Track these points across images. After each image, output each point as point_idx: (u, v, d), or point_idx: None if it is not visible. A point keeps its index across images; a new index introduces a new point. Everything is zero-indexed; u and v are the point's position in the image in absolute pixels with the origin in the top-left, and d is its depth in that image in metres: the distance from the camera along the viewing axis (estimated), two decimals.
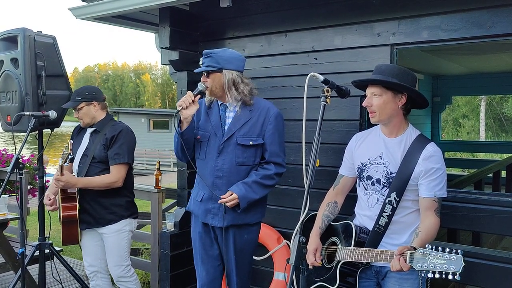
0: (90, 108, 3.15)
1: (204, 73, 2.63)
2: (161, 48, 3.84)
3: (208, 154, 2.70)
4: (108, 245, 3.21)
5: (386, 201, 2.20)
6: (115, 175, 3.08)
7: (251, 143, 2.64)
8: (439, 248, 1.80)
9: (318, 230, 2.41)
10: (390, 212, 2.20)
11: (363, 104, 2.27)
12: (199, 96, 2.61)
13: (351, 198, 2.55)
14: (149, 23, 4.45)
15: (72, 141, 3.01)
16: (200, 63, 2.65)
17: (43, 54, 3.08)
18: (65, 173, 2.95)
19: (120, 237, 3.20)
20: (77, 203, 3.10)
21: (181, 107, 2.52)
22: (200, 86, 2.61)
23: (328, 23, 3.26)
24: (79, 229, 3.13)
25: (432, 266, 1.77)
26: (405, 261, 1.89)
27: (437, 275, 1.77)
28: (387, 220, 2.21)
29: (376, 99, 2.19)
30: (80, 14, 3.87)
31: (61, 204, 3.07)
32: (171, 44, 3.71)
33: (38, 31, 3.13)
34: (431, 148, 2.16)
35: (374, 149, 2.31)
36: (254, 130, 2.65)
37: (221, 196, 2.58)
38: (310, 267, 2.38)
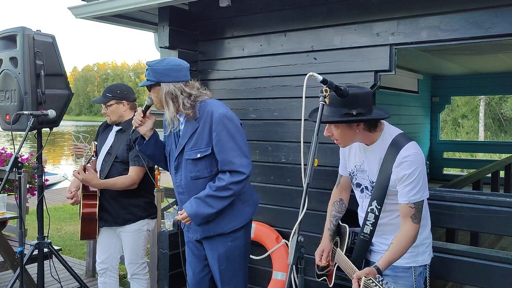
0: (119, 107, 3.17)
1: (147, 87, 2.56)
2: (161, 47, 3.84)
3: (170, 170, 2.67)
4: (126, 243, 3.25)
5: (368, 210, 2.22)
6: (133, 177, 3.08)
7: (199, 155, 2.49)
8: (388, 284, 1.81)
9: (328, 232, 2.45)
10: (373, 220, 2.21)
11: (324, 135, 2.23)
12: (149, 110, 2.56)
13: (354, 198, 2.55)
14: (148, 22, 4.45)
15: (96, 142, 3.04)
16: (145, 75, 2.54)
17: (42, 53, 3.07)
18: (90, 172, 2.98)
19: (138, 236, 3.24)
20: (97, 201, 3.14)
21: (134, 126, 2.54)
22: (147, 101, 2.54)
23: (327, 23, 3.26)
24: (97, 226, 3.19)
25: None
26: (359, 287, 1.91)
27: None
28: (371, 228, 2.22)
29: (334, 130, 2.19)
30: (80, 13, 3.87)
31: (81, 201, 3.12)
32: (171, 44, 3.71)
33: (37, 30, 3.13)
34: (404, 153, 2.11)
35: (358, 157, 2.32)
36: (201, 141, 2.49)
37: (178, 213, 2.56)
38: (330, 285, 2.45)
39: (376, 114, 2.16)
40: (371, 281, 1.85)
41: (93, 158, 2.99)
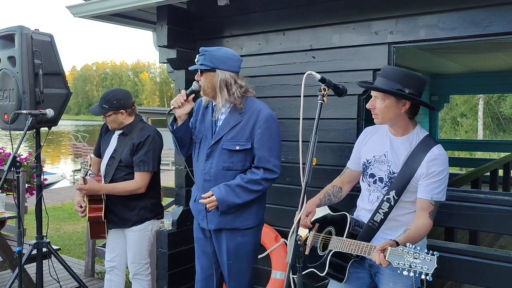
0: (117, 116, 3.14)
1: (198, 71, 2.58)
2: (159, 46, 3.84)
3: (199, 156, 2.68)
4: (130, 242, 3.26)
5: (384, 199, 2.21)
6: (138, 182, 3.08)
7: (237, 148, 2.55)
8: (418, 248, 1.81)
9: (317, 201, 2.42)
10: (387, 210, 2.20)
11: (366, 106, 2.26)
12: (193, 95, 2.58)
13: (352, 197, 2.55)
14: (147, 21, 4.45)
15: (92, 157, 3.03)
16: (196, 60, 2.58)
17: (40, 52, 3.06)
18: (88, 181, 2.98)
19: (143, 236, 3.25)
20: (103, 205, 3.14)
21: (173, 106, 2.52)
22: (194, 86, 2.58)
23: (326, 22, 3.26)
24: (105, 227, 3.22)
25: (408, 265, 1.80)
26: (385, 257, 1.89)
27: (411, 274, 1.79)
28: (382, 217, 2.21)
29: (379, 103, 2.17)
30: (78, 12, 3.86)
31: (88, 205, 3.13)
32: (169, 43, 3.71)
33: (35, 29, 3.12)
34: (437, 151, 2.14)
35: (380, 147, 2.31)
36: (242, 134, 2.55)
37: (202, 195, 2.55)
38: (307, 251, 2.40)
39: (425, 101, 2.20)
40: (400, 248, 1.83)
41: (89, 171, 3.01)
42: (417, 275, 1.77)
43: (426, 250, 1.80)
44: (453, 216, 2.79)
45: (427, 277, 1.76)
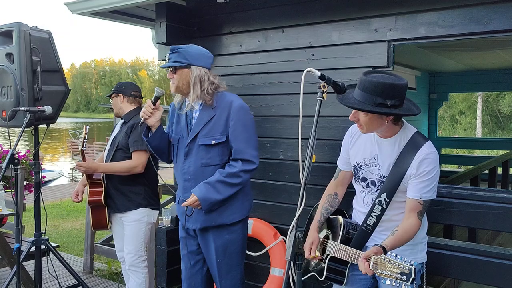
0: (117, 100, 3.38)
1: (171, 69, 2.57)
2: (158, 43, 3.83)
3: (178, 157, 2.68)
4: (127, 232, 3.33)
5: (376, 202, 2.20)
6: (135, 160, 3.19)
7: (213, 142, 2.56)
8: (398, 257, 1.81)
9: (317, 224, 2.41)
10: (379, 213, 2.19)
11: (349, 118, 2.20)
12: (159, 101, 2.60)
13: (350, 195, 2.54)
14: (145, 18, 4.43)
15: (88, 126, 3.19)
16: (167, 58, 2.59)
17: (38, 49, 3.06)
18: (87, 159, 3.11)
19: (139, 227, 3.31)
20: (103, 188, 3.25)
21: (143, 118, 2.55)
22: (156, 92, 2.60)
23: (325, 19, 3.25)
24: (107, 215, 3.30)
25: (389, 274, 1.81)
26: (369, 266, 1.89)
27: (393, 283, 1.79)
28: (375, 220, 2.20)
29: (362, 116, 2.13)
30: (76, 9, 3.85)
31: (88, 190, 3.23)
32: (168, 40, 3.70)
33: (33, 26, 3.11)
34: (426, 150, 2.11)
35: (369, 150, 2.28)
36: (217, 128, 2.56)
37: (184, 201, 2.56)
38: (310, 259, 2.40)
39: (407, 108, 2.12)
40: (382, 257, 1.84)
41: (85, 140, 3.13)
42: (398, 284, 1.78)
43: (405, 259, 1.79)
44: (452, 214, 2.79)
45: (407, 286, 1.77)
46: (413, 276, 1.75)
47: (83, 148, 3.16)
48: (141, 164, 3.19)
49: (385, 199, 2.17)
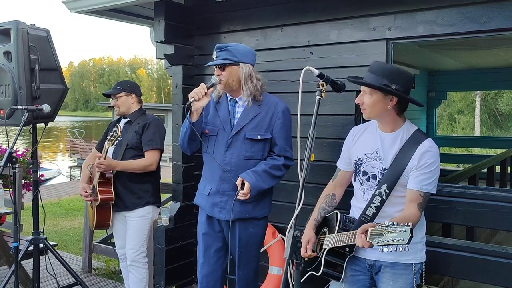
0: (128, 99, 3.40)
1: (218, 66, 2.63)
2: (156, 42, 3.83)
3: (216, 148, 2.72)
4: (130, 228, 3.36)
5: (376, 193, 2.20)
6: (150, 159, 3.28)
7: (259, 137, 2.67)
8: (394, 223, 1.83)
9: (313, 222, 2.42)
10: (379, 204, 2.19)
11: (355, 101, 2.27)
12: (212, 88, 2.63)
13: (350, 194, 2.54)
14: (144, 17, 4.43)
15: (120, 126, 3.20)
16: (214, 56, 2.65)
17: (36, 47, 3.05)
18: (106, 158, 3.14)
19: (143, 222, 3.37)
20: (112, 187, 3.27)
21: (193, 98, 2.52)
22: (214, 79, 2.62)
23: (324, 17, 3.25)
24: (111, 214, 3.31)
25: (386, 241, 1.82)
26: (366, 238, 1.90)
27: (391, 249, 1.81)
28: (374, 211, 2.20)
29: (367, 98, 2.20)
30: (74, 7, 3.84)
31: (98, 188, 3.22)
32: (166, 38, 3.70)
33: (31, 24, 3.10)
34: (428, 144, 2.15)
35: (371, 144, 2.30)
36: (262, 125, 2.67)
37: (240, 192, 2.57)
38: (306, 259, 2.39)
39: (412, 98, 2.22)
40: (379, 226, 1.86)
41: (119, 138, 3.19)
42: (395, 248, 1.80)
43: (402, 224, 1.82)
44: (450, 212, 2.80)
45: (405, 248, 1.78)
46: (410, 234, 1.77)
47: (112, 147, 3.25)
48: (155, 162, 3.30)
49: (385, 190, 2.18)
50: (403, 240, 1.78)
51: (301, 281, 2.36)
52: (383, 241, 1.83)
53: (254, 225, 2.74)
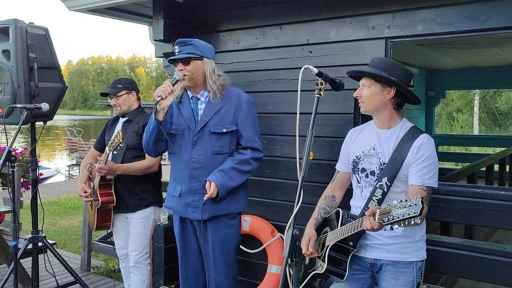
0: (129, 97, 3.35)
1: (182, 61, 2.59)
2: (155, 40, 3.82)
3: (183, 147, 2.69)
4: (133, 230, 3.34)
5: (377, 185, 2.21)
6: (151, 160, 3.21)
7: (224, 130, 2.64)
8: (403, 200, 1.82)
9: (314, 221, 2.42)
10: (380, 197, 2.20)
11: (354, 95, 2.29)
12: (176, 85, 2.60)
13: (350, 195, 2.54)
14: (143, 15, 4.42)
15: (122, 131, 3.13)
16: (176, 51, 2.60)
17: (35, 45, 3.05)
18: (107, 162, 3.09)
19: (145, 224, 3.35)
20: (113, 190, 3.24)
21: (160, 97, 2.46)
22: (177, 75, 2.59)
23: (322, 16, 3.25)
24: (112, 215, 3.29)
25: (396, 217, 1.79)
26: (375, 219, 1.90)
27: (402, 225, 1.79)
28: (376, 204, 2.20)
29: (365, 90, 2.23)
30: (73, 5, 3.83)
31: (98, 191, 3.20)
32: (165, 37, 3.69)
33: (30, 23, 3.10)
34: (424, 137, 2.18)
35: (368, 142, 2.31)
36: (226, 118, 2.65)
37: (207, 194, 2.55)
38: (307, 261, 2.39)
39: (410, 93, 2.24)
40: (387, 206, 1.85)
41: (121, 145, 3.15)
42: (406, 223, 1.78)
43: (411, 199, 1.80)
44: (449, 211, 2.80)
45: (416, 220, 1.75)
46: (422, 206, 1.74)
47: (114, 152, 3.18)
48: (157, 163, 3.25)
49: (386, 182, 2.19)
50: (414, 212, 1.74)
51: (304, 282, 2.36)
52: (393, 218, 1.80)
53: (228, 225, 2.68)
